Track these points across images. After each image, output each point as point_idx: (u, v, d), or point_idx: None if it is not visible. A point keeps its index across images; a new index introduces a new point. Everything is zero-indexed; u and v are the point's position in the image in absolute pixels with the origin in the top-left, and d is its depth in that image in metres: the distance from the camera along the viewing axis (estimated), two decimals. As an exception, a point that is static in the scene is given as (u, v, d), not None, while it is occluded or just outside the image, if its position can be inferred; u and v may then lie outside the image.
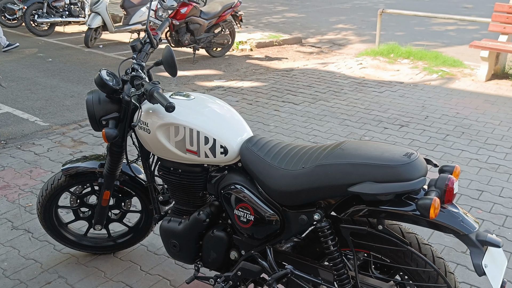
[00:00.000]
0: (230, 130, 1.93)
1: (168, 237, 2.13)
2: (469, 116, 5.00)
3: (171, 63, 1.90)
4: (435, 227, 1.53)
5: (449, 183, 1.52)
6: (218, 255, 2.03)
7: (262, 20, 11.34)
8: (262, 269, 1.89)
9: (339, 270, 1.72)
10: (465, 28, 10.32)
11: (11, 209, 3.19)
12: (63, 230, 2.62)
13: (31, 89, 5.88)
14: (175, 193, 2.12)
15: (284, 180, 1.73)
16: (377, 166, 1.55)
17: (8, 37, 8.41)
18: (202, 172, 2.01)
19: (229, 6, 7.23)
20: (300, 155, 1.77)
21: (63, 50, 8.01)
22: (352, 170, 1.58)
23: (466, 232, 1.49)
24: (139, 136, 2.07)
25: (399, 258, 1.66)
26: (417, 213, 1.53)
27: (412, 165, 1.53)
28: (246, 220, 1.87)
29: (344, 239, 1.72)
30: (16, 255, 2.72)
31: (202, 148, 1.90)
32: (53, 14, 8.98)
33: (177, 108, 1.94)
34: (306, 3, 14.82)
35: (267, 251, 1.87)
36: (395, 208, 1.57)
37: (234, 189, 1.89)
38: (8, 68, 6.73)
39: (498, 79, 6.47)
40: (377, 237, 1.67)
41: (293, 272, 1.80)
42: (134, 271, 2.60)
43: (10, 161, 3.92)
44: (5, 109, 5.17)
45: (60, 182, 2.42)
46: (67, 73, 6.62)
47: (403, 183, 1.51)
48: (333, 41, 9.06)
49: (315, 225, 1.72)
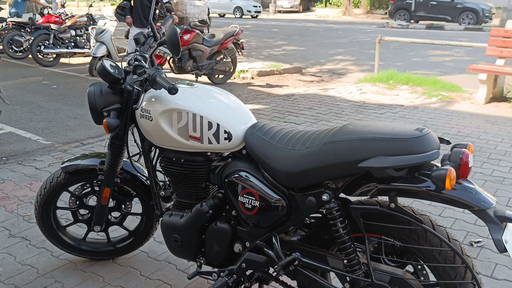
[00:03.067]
0: (234, 116, 1.91)
1: (170, 232, 2.07)
2: (471, 134, 4.99)
3: (174, 42, 1.90)
4: (450, 203, 1.48)
5: (463, 157, 1.48)
6: (221, 249, 1.96)
7: (263, 52, 11.54)
8: (269, 259, 1.81)
9: (350, 255, 1.65)
10: (461, 59, 10.47)
11: (9, 218, 3.13)
12: (61, 233, 2.56)
13: (34, 111, 5.91)
14: (177, 186, 2.08)
15: (291, 161, 1.69)
16: (388, 139, 1.51)
17: (14, 68, 8.57)
18: (205, 162, 1.98)
19: (230, 34, 7.37)
20: (307, 137, 1.73)
21: (67, 78, 8.11)
22: (362, 145, 1.54)
23: (483, 207, 1.43)
24: (140, 126, 2.05)
25: (412, 240, 1.60)
26: (431, 188, 1.48)
27: (424, 138, 1.49)
28: (251, 206, 1.81)
29: (354, 224, 1.66)
30: (11, 261, 2.64)
31: (206, 134, 1.87)
32: (59, 45, 9.16)
33: (180, 95, 1.93)
34: (306, 37, 15.14)
35: (273, 240, 1.81)
36: (407, 184, 1.52)
37: (238, 176, 1.85)
38: (12, 93, 6.79)
39: (497, 101, 6.50)
40: (389, 217, 1.62)
41: (301, 259, 1.72)
42: (133, 276, 2.51)
43: (10, 175, 3.88)
44: (8, 129, 5.18)
45: (59, 180, 2.38)
46: (71, 97, 6.67)
47: (416, 155, 1.46)
48: (332, 71, 9.18)
49: (324, 207, 1.67)
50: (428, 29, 18.62)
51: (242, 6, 25.81)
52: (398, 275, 1.61)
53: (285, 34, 16.40)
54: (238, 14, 25.82)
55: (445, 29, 18.44)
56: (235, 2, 25.99)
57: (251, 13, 25.68)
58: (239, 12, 25.76)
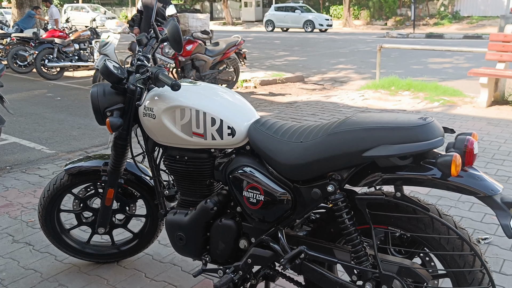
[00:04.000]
0: (237, 112, 1.91)
1: (174, 230, 2.06)
2: (475, 138, 4.97)
3: (177, 38, 1.91)
4: (456, 190, 1.47)
5: (468, 144, 1.47)
6: (226, 245, 1.94)
7: (265, 63, 11.59)
8: (275, 254, 1.79)
9: (356, 246, 1.63)
10: (461, 66, 10.48)
11: (13, 225, 3.12)
12: (65, 237, 2.55)
13: (38, 122, 5.94)
14: (181, 184, 2.07)
15: (295, 153, 1.69)
16: (392, 128, 1.51)
17: (18, 82, 8.63)
18: (208, 159, 1.97)
19: (233, 44, 7.41)
20: (311, 130, 1.73)
21: (71, 91, 8.16)
22: (366, 135, 1.53)
23: (490, 194, 1.43)
24: (143, 125, 2.06)
25: (419, 229, 1.58)
26: (436, 176, 1.47)
27: (428, 126, 1.49)
28: (256, 201, 1.80)
29: (360, 215, 1.65)
30: (15, 266, 2.63)
31: (209, 130, 1.87)
32: (63, 58, 9.24)
33: (183, 92, 1.94)
34: (307, 48, 15.22)
35: (279, 234, 1.79)
36: (413, 173, 1.51)
37: (243, 172, 1.84)
38: (16, 105, 6.83)
39: (498, 105, 6.50)
40: (395, 207, 1.61)
41: (307, 252, 1.71)
42: (138, 278, 2.50)
43: (14, 183, 3.88)
44: (12, 139, 5.20)
45: (63, 182, 2.38)
46: (75, 109, 6.70)
47: (420, 142, 1.46)
48: (334, 79, 9.20)
49: (329, 199, 1.66)
50: (428, 37, 18.72)
51: (314, 19, 24.14)
52: (406, 265, 1.59)
53: (287, 45, 16.50)
54: (309, 28, 24.08)
55: (445, 37, 18.53)
56: (304, 16, 24.31)
57: (323, 27, 24.01)
58: (310, 26, 24.04)
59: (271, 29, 25.78)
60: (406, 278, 1.59)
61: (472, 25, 23.08)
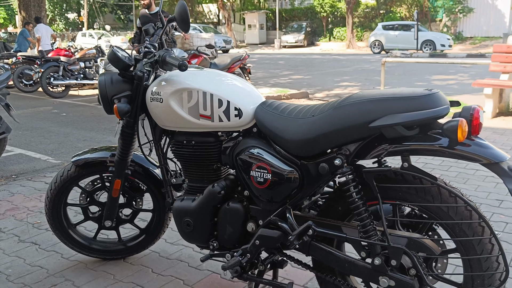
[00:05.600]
0: (244, 94, 1.92)
1: (182, 216, 2.05)
2: (481, 144, 4.96)
3: (184, 17, 1.93)
4: (464, 158, 1.47)
5: (474, 113, 1.48)
6: (234, 229, 1.93)
7: (270, 81, 11.69)
8: (283, 234, 1.77)
9: (364, 220, 1.62)
10: (466, 82, 10.52)
11: (19, 226, 3.11)
12: (71, 231, 2.53)
13: (44, 135, 5.98)
14: (188, 169, 2.07)
15: (302, 129, 1.69)
16: (397, 98, 1.52)
17: (24, 100, 8.72)
18: (215, 142, 1.98)
19: (237, 59, 7.50)
20: (317, 107, 1.74)
21: (77, 107, 8.23)
22: (372, 106, 1.54)
23: (498, 161, 1.43)
24: (151, 111, 2.07)
25: (427, 202, 1.57)
26: (444, 145, 1.48)
27: (434, 96, 1.50)
28: (263, 180, 1.80)
29: (368, 191, 1.64)
30: (21, 263, 2.61)
31: (216, 112, 1.88)
32: (69, 77, 9.34)
33: (190, 76, 1.95)
34: (311, 68, 15.36)
35: (287, 213, 1.78)
36: (420, 143, 1.52)
37: (249, 153, 1.84)
38: (22, 120, 6.86)
39: (503, 116, 6.49)
40: (403, 180, 1.60)
41: (315, 229, 1.69)
42: (145, 273, 2.47)
43: (20, 189, 3.88)
44: (18, 151, 5.23)
45: (70, 174, 2.38)
46: (80, 123, 6.75)
47: (426, 110, 1.47)
48: (339, 95, 9.23)
49: (336, 173, 1.65)
50: (431, 57, 18.83)
51: (434, 39, 21.06)
52: (415, 238, 1.57)
53: (291, 65, 16.66)
54: (428, 49, 20.74)
55: (448, 56, 18.64)
56: (422, 35, 20.95)
57: (445, 47, 20.83)
58: (430, 46, 20.83)
59: (378, 51, 22.10)
60: (415, 252, 1.57)
61: (475, 45, 23.30)
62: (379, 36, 22.26)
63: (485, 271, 1.51)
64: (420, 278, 1.59)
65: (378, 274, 1.61)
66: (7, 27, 37.65)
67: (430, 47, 20.78)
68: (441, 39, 21.05)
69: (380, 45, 22.11)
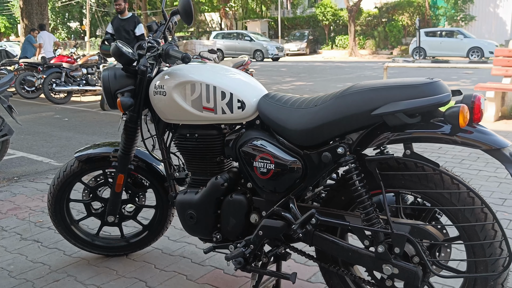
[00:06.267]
0: (247, 87, 1.93)
1: (185, 209, 2.05)
2: (484, 146, 4.95)
3: (188, 11, 1.94)
4: (466, 144, 1.48)
5: (476, 100, 1.49)
6: (238, 221, 1.93)
7: (272, 87, 11.71)
8: (286, 224, 1.77)
9: (367, 208, 1.62)
10: (467, 87, 10.53)
11: (21, 225, 3.11)
12: (74, 228, 2.53)
13: (46, 139, 5.99)
14: (191, 162, 2.07)
15: (305, 118, 1.70)
16: (399, 87, 1.53)
17: (26, 106, 8.75)
18: (218, 135, 1.98)
19: (240, 64, 7.52)
20: (319, 97, 1.75)
21: (79, 113, 8.26)
22: (374, 95, 1.55)
23: (499, 147, 1.44)
24: (154, 105, 2.07)
25: (430, 189, 1.57)
26: (446, 132, 1.48)
27: (435, 84, 1.51)
28: (266, 170, 1.80)
29: (371, 180, 1.64)
30: (23, 260, 2.61)
31: (219, 104, 1.89)
32: (71, 83, 9.38)
33: (193, 69, 1.96)
34: (313, 75, 15.40)
35: (290, 203, 1.78)
36: (422, 130, 1.52)
37: (253, 144, 1.85)
38: (24, 125, 6.89)
39: (506, 119, 6.49)
40: (405, 168, 1.60)
41: (318, 218, 1.69)
42: (148, 269, 2.46)
43: (22, 190, 3.89)
44: (19, 154, 5.24)
45: (73, 169, 2.39)
46: (82, 127, 6.77)
47: (428, 97, 1.47)
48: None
49: (339, 161, 1.65)
50: (434, 63, 18.87)
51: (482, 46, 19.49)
52: (418, 225, 1.57)
53: (293, 72, 16.71)
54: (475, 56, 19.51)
55: (450, 62, 18.68)
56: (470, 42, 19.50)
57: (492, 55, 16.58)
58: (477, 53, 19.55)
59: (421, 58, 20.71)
60: (418, 239, 1.57)
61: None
62: (421, 43, 20.84)
63: (489, 257, 1.51)
64: (424, 266, 1.59)
65: (382, 262, 1.61)
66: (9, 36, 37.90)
67: (478, 54, 19.75)
68: (489, 46, 19.63)
69: (423, 52, 20.86)
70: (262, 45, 24.83)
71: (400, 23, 26.76)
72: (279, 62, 23.19)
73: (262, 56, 24.69)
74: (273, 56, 24.36)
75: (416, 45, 20.52)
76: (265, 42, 25.51)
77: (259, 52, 24.76)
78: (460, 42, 20.16)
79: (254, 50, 24.88)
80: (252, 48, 25.01)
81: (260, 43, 25.04)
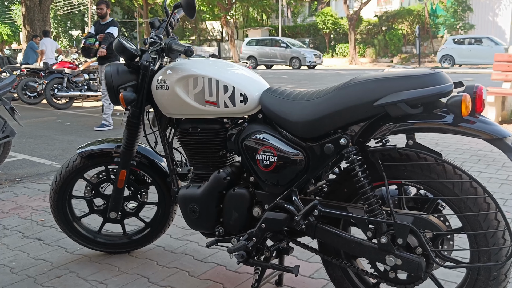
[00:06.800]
0: (249, 81, 1.95)
1: (187, 203, 2.05)
2: (483, 149, 4.96)
3: (190, 3, 1.95)
4: (468, 134, 1.49)
5: (477, 90, 1.50)
6: (240, 214, 1.93)
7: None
8: (289, 216, 1.77)
9: (370, 199, 1.62)
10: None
11: (23, 223, 3.11)
12: (76, 224, 2.54)
13: (48, 142, 6.01)
14: (194, 157, 2.08)
15: (308, 110, 1.71)
16: (401, 77, 1.54)
17: (28, 111, 8.76)
18: (221, 129, 2.00)
19: (240, 69, 7.55)
20: (322, 90, 1.76)
21: (81, 117, 8.28)
22: (376, 86, 1.56)
23: (501, 136, 1.45)
24: (157, 101, 2.08)
25: (432, 179, 1.57)
26: (448, 121, 1.49)
27: (437, 74, 1.52)
28: (269, 162, 1.80)
29: (374, 172, 1.65)
30: (25, 257, 2.61)
31: (222, 98, 1.90)
32: (73, 88, 9.41)
33: (196, 63, 1.98)
34: (314, 82, 15.45)
35: (293, 195, 1.78)
36: (424, 120, 1.53)
37: (255, 138, 1.86)
38: (26, 129, 6.92)
39: (506, 124, 6.51)
40: (407, 159, 1.61)
41: (320, 209, 1.69)
42: (150, 265, 2.46)
43: (24, 190, 3.90)
44: (21, 156, 5.25)
45: (75, 165, 2.40)
46: (84, 131, 6.79)
47: (430, 87, 1.48)
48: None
49: (342, 152, 1.66)
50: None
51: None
52: (421, 215, 1.58)
53: (294, 79, 16.75)
54: None
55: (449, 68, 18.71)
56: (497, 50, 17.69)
57: None
58: None
59: (449, 65, 20.35)
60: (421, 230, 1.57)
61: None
62: (449, 51, 20.60)
63: (492, 247, 1.51)
64: (427, 257, 1.59)
65: (385, 253, 1.61)
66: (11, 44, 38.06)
67: None
68: None
69: (451, 60, 20.54)
70: (300, 52, 23.40)
71: (400, 32, 26.87)
72: (280, 70, 23.15)
73: (299, 64, 23.16)
74: (311, 63, 22.90)
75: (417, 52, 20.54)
76: (302, 49, 24.16)
77: (296, 59, 23.23)
78: (490, 50, 18.99)
79: (290, 58, 23.46)
80: (288, 55, 23.61)
81: (297, 50, 23.59)
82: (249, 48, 24.46)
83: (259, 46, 24.63)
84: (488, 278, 1.55)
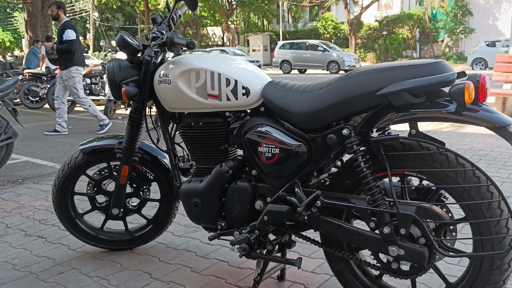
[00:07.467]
0: (251, 74, 1.95)
1: (189, 197, 2.05)
2: (484, 149, 4.96)
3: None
4: (472, 123, 1.49)
5: (480, 79, 1.50)
6: (242, 208, 1.93)
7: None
8: (291, 208, 1.77)
9: (373, 190, 1.63)
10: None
11: (25, 222, 3.12)
12: (78, 221, 2.54)
13: (50, 145, 6.02)
14: (196, 151, 2.09)
15: (310, 101, 1.71)
16: (404, 67, 1.54)
17: (30, 116, 8.77)
18: (223, 122, 2.00)
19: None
20: (324, 81, 1.77)
21: (83, 121, 8.30)
22: (379, 75, 1.57)
23: (504, 124, 1.45)
24: (159, 95, 2.09)
25: (435, 168, 1.57)
26: (451, 110, 1.50)
27: (439, 63, 1.53)
28: (271, 155, 1.81)
29: (377, 163, 1.65)
30: (27, 254, 2.61)
31: (224, 91, 1.91)
32: (74, 92, 9.41)
33: (198, 57, 1.99)
34: (314, 86, 15.44)
35: (295, 187, 1.78)
36: (427, 109, 1.54)
37: (257, 131, 1.86)
38: (28, 133, 6.94)
39: (508, 124, 6.51)
40: (410, 149, 1.61)
41: (323, 200, 1.70)
42: (152, 262, 2.46)
43: (26, 191, 3.90)
44: (24, 158, 5.26)
45: (78, 161, 2.40)
46: (86, 134, 6.79)
47: (432, 76, 1.49)
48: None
49: (344, 143, 1.66)
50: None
51: None
52: (423, 205, 1.57)
53: (293, 83, 16.77)
54: None
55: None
56: None
57: None
58: None
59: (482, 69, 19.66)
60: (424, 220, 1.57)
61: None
62: (481, 54, 19.81)
63: (495, 235, 1.51)
64: (430, 247, 1.59)
65: (388, 243, 1.61)
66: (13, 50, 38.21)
67: None
68: None
69: (483, 63, 19.79)
70: (338, 55, 22.36)
71: (400, 36, 26.94)
72: (281, 74, 23.10)
73: (337, 68, 21.95)
74: (350, 67, 21.56)
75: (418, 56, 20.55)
76: (340, 52, 23.07)
77: (334, 63, 22.10)
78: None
79: (328, 62, 22.40)
80: (325, 59, 22.51)
81: (335, 54, 22.53)
82: (283, 52, 23.49)
83: (294, 49, 23.65)
84: (491, 268, 1.55)
